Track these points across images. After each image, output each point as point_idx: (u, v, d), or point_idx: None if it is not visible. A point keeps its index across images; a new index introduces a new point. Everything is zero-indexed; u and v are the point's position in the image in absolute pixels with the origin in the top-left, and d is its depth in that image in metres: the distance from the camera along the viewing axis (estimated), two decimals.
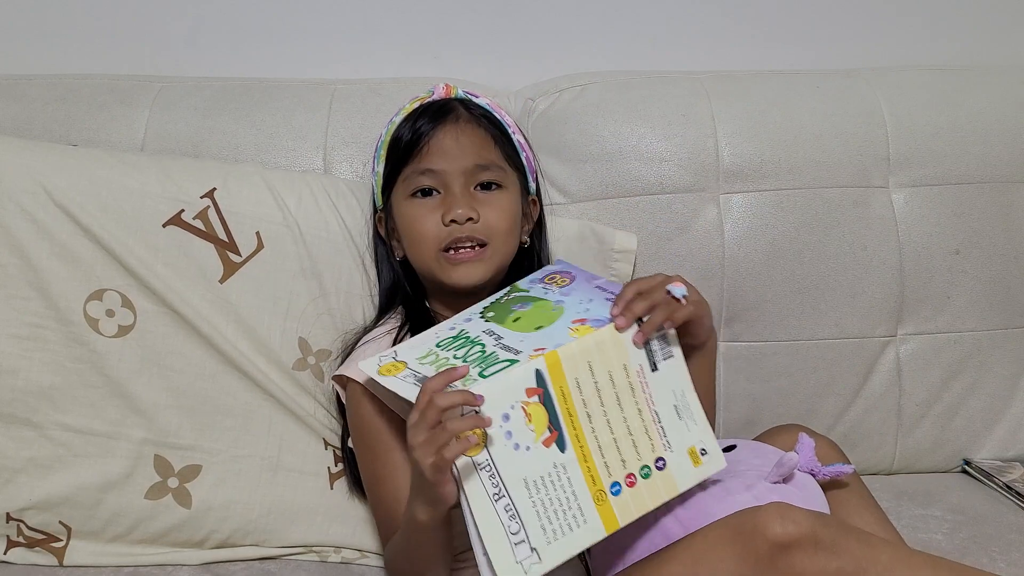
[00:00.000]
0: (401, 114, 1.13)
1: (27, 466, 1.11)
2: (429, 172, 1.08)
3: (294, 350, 1.15)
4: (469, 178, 1.08)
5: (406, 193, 1.09)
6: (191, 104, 1.30)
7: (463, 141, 1.09)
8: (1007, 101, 1.37)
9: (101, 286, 1.13)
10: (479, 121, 1.11)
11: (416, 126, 1.09)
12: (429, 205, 1.08)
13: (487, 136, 1.11)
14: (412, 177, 1.08)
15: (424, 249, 1.08)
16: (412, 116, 1.11)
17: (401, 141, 1.10)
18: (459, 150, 1.08)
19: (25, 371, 1.11)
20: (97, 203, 1.13)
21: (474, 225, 1.06)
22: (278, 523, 1.15)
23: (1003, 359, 1.35)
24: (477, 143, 1.10)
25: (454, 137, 1.09)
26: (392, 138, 1.12)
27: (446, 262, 1.07)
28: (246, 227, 1.15)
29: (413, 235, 1.09)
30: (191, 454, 1.13)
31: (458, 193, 1.07)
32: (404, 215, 1.10)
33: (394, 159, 1.11)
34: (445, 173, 1.07)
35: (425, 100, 1.13)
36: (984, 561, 1.12)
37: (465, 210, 1.06)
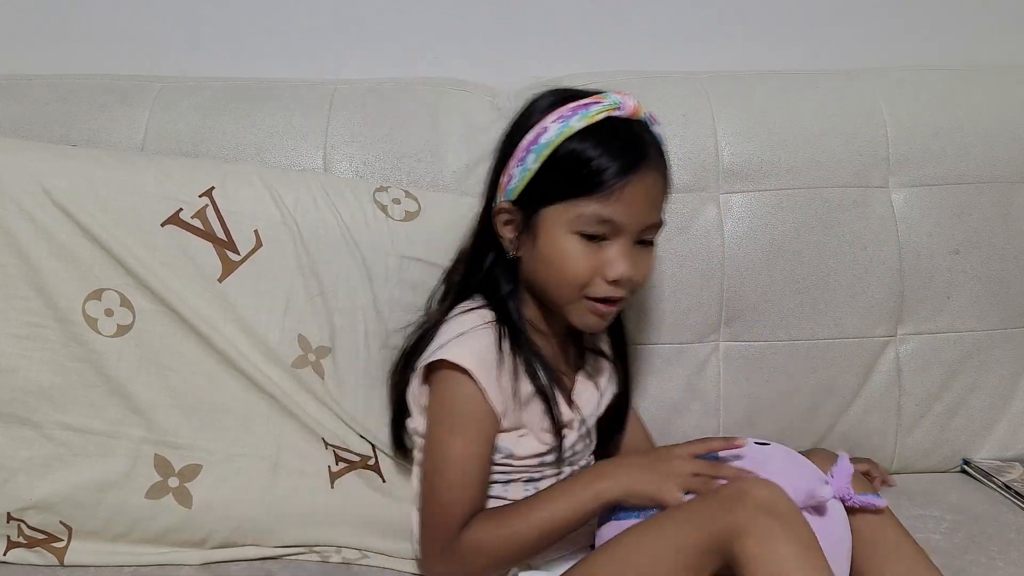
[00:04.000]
0: (581, 119, 1.00)
1: (27, 465, 1.11)
2: (609, 223, 0.99)
3: (294, 347, 1.15)
4: (639, 234, 1.01)
5: (570, 226, 1.00)
6: (191, 104, 1.30)
7: (650, 195, 1.01)
8: (1007, 101, 1.38)
9: (100, 285, 1.12)
10: (660, 165, 1.03)
11: (614, 159, 0.98)
12: (591, 250, 1.00)
13: (664, 186, 1.04)
14: (587, 219, 0.99)
15: (567, 288, 1.02)
16: (599, 137, 0.99)
17: (589, 164, 0.98)
18: (644, 206, 1.00)
19: (25, 370, 1.11)
20: (96, 203, 1.13)
21: (627, 286, 1.02)
22: (279, 522, 1.15)
23: (1003, 359, 1.35)
24: (658, 196, 1.03)
25: (644, 190, 1.00)
26: (567, 151, 1.00)
27: (586, 309, 1.02)
28: (244, 226, 1.15)
29: (561, 270, 1.01)
30: (191, 453, 1.13)
31: (626, 253, 1.00)
32: (558, 247, 1.01)
33: (564, 179, 1.00)
34: (624, 228, 0.99)
35: (612, 111, 1.01)
36: (983, 560, 1.13)
37: (626, 274, 1.00)
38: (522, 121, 1.05)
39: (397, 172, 1.28)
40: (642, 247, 1.03)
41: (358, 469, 1.16)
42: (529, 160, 1.02)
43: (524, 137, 1.03)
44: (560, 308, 1.04)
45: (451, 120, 1.31)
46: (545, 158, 1.01)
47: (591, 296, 1.02)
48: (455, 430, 1.02)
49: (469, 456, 1.02)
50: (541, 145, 1.01)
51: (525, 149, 1.02)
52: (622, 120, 1.01)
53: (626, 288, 1.02)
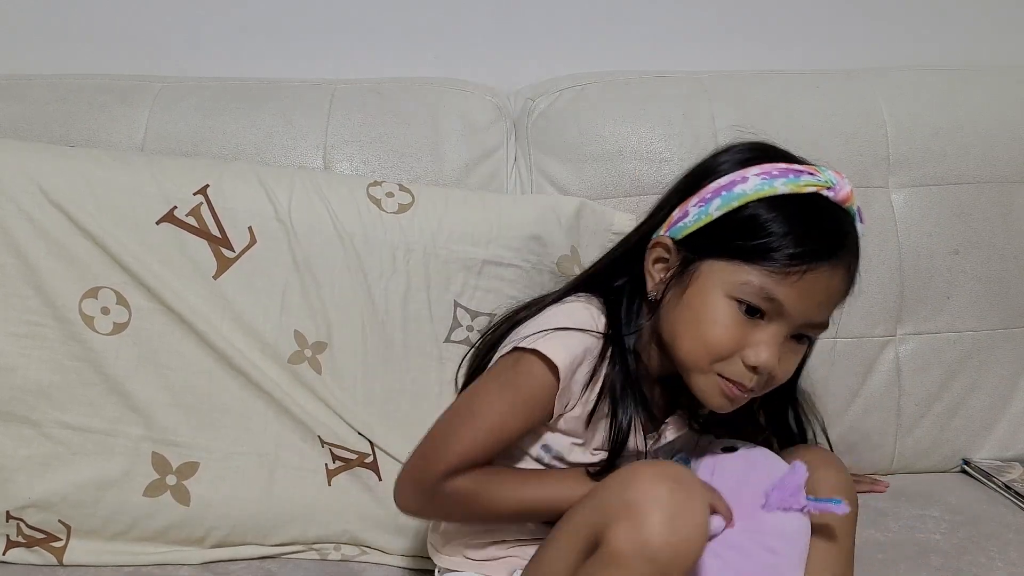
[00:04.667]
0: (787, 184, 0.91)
1: (26, 464, 1.12)
2: (775, 305, 0.90)
3: (290, 343, 1.15)
4: (796, 327, 0.92)
5: (730, 289, 0.90)
6: (191, 104, 1.30)
7: (829, 292, 0.91)
8: (1007, 101, 1.37)
9: (96, 284, 1.13)
10: (850, 269, 0.93)
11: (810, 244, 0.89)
12: (742, 323, 0.91)
13: (844, 293, 0.94)
14: (753, 289, 0.89)
15: (701, 354, 0.92)
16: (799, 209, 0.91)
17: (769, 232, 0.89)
18: (818, 301, 0.91)
19: (23, 369, 1.11)
20: (93, 202, 1.13)
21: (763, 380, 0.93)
22: (277, 520, 1.15)
23: (1002, 359, 1.35)
24: (835, 297, 0.93)
25: (825, 285, 0.90)
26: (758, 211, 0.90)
27: (715, 386, 0.93)
28: (239, 222, 1.15)
29: (703, 333, 0.92)
30: (189, 451, 1.14)
31: (777, 342, 0.91)
32: (708, 307, 0.91)
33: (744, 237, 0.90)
34: (787, 316, 0.90)
35: (823, 189, 0.92)
36: (982, 561, 1.13)
37: (771, 366, 0.90)
38: (712, 163, 0.97)
39: (397, 172, 1.28)
40: (795, 343, 0.93)
41: (355, 467, 1.16)
42: (713, 205, 0.93)
43: (715, 180, 0.94)
44: (686, 372, 0.95)
45: (451, 120, 1.31)
46: (732, 209, 0.92)
47: (722, 373, 0.92)
48: (506, 393, 0.96)
49: (502, 422, 0.95)
50: (733, 195, 0.92)
51: (713, 192, 0.94)
52: (829, 202, 0.92)
53: (760, 380, 0.92)
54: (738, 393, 0.93)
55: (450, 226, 1.17)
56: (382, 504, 1.16)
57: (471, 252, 1.16)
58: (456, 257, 1.16)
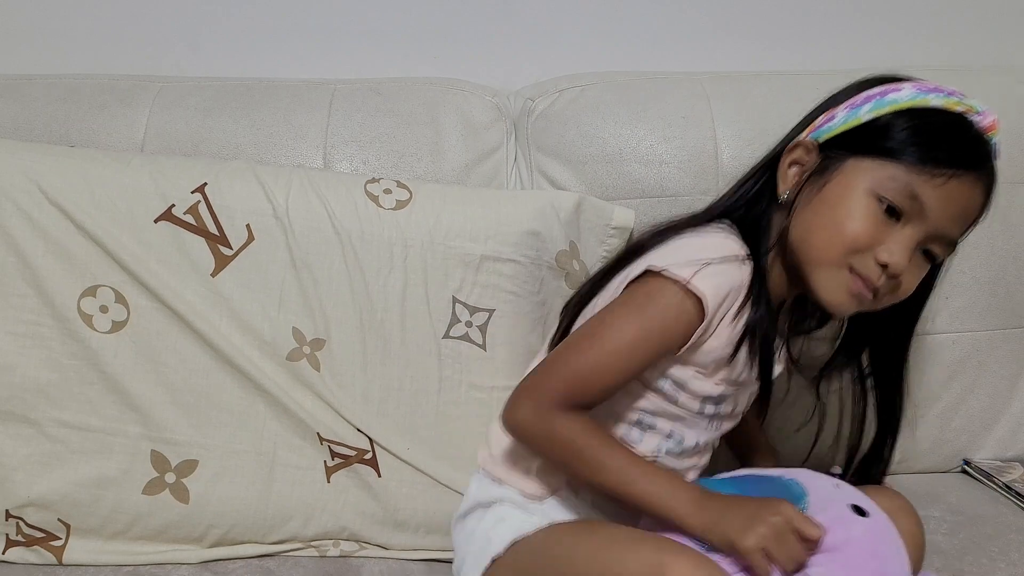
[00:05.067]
0: (939, 98, 0.95)
1: (25, 463, 1.12)
2: (915, 206, 0.92)
3: (288, 340, 1.15)
4: (931, 239, 0.94)
5: (874, 185, 0.93)
6: (191, 104, 1.30)
7: (968, 205, 0.95)
8: (1007, 101, 1.37)
9: (95, 282, 1.13)
10: (989, 184, 0.96)
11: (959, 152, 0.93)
12: (881, 222, 0.93)
13: (979, 208, 0.97)
14: (897, 185, 0.92)
15: (835, 246, 0.94)
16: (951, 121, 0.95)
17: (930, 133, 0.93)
18: (956, 211, 0.94)
19: (23, 368, 1.12)
20: (91, 201, 1.13)
21: (887, 283, 0.94)
22: (276, 517, 1.15)
23: (1002, 359, 1.35)
24: (970, 213, 0.96)
25: (966, 195, 0.94)
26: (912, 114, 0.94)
27: (843, 282, 0.94)
28: (236, 220, 1.15)
29: (840, 224, 0.93)
30: (187, 449, 1.14)
31: (910, 245, 0.93)
32: (850, 199, 0.93)
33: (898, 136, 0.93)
34: (924, 219, 0.93)
35: (970, 112, 0.96)
36: (983, 561, 1.12)
37: (901, 268, 0.92)
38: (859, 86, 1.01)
39: (397, 172, 1.28)
40: (921, 259, 0.96)
41: (354, 464, 1.16)
42: (864, 109, 0.96)
43: (865, 92, 0.98)
44: (814, 270, 0.95)
45: (451, 120, 1.31)
46: (883, 114, 0.95)
47: (854, 266, 0.93)
48: (643, 320, 0.94)
49: (632, 349, 0.93)
50: (887, 100, 0.96)
51: (865, 98, 0.97)
52: (977, 129, 0.96)
53: (887, 284, 0.94)
54: (864, 290, 0.94)
55: (448, 222, 1.17)
56: (381, 501, 1.16)
57: (469, 248, 1.16)
58: (454, 253, 1.16)
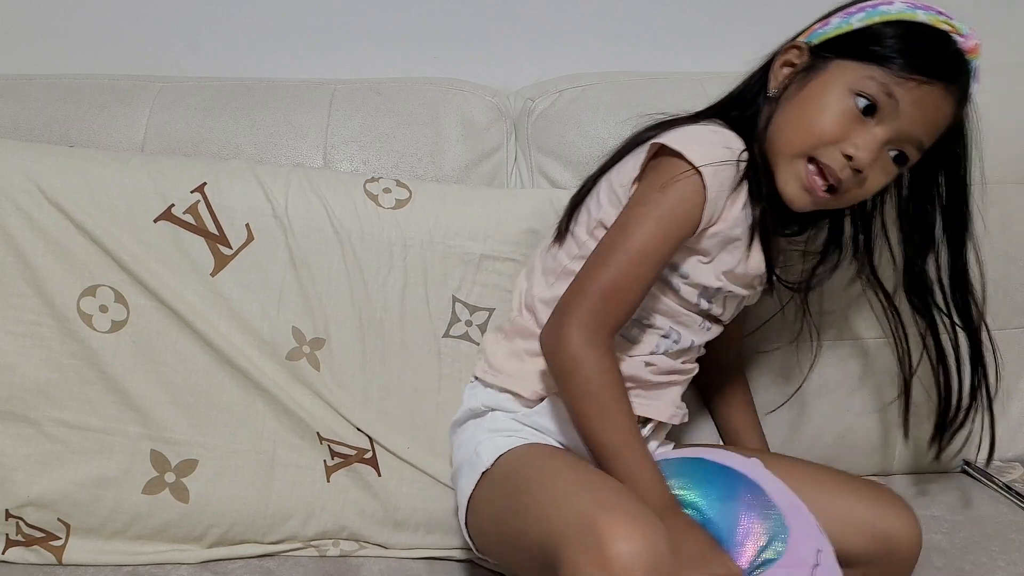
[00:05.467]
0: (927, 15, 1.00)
1: (25, 463, 1.12)
2: (889, 102, 0.97)
3: (288, 340, 1.15)
4: (896, 141, 0.99)
5: (853, 85, 0.98)
6: (191, 104, 1.30)
7: (938, 113, 1.00)
8: (1007, 101, 1.37)
9: (94, 282, 1.13)
10: (962, 99, 1.01)
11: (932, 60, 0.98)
12: (853, 119, 0.98)
13: (948, 120, 1.01)
14: (876, 84, 0.97)
15: (802, 138, 1.00)
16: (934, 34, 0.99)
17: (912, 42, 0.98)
18: (926, 115, 0.99)
19: (22, 368, 1.12)
20: (91, 200, 1.13)
21: (850, 177, 0.99)
22: (276, 517, 1.15)
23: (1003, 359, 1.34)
24: (942, 120, 1.01)
25: (937, 103, 0.99)
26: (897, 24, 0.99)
27: (799, 173, 1.00)
28: (236, 220, 1.15)
29: (812, 116, 0.99)
30: (187, 449, 1.14)
31: (878, 143, 0.98)
32: (830, 95, 0.99)
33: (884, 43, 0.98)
34: (896, 118, 0.98)
35: (953, 32, 1.00)
36: (984, 561, 1.13)
37: (865, 161, 0.98)
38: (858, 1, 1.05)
39: (397, 172, 1.28)
40: (891, 160, 1.01)
41: (354, 463, 1.16)
42: (856, 17, 1.02)
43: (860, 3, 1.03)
44: (778, 161, 1.01)
45: (451, 120, 1.31)
46: (873, 23, 1.00)
47: (819, 157, 0.99)
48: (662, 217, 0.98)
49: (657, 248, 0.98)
50: (878, 11, 1.01)
51: (859, 8, 1.02)
52: (957, 45, 1.00)
53: (849, 181, 0.99)
54: (818, 184, 0.99)
55: (447, 221, 1.17)
56: (381, 500, 1.16)
57: (469, 247, 1.17)
58: (454, 252, 1.17)
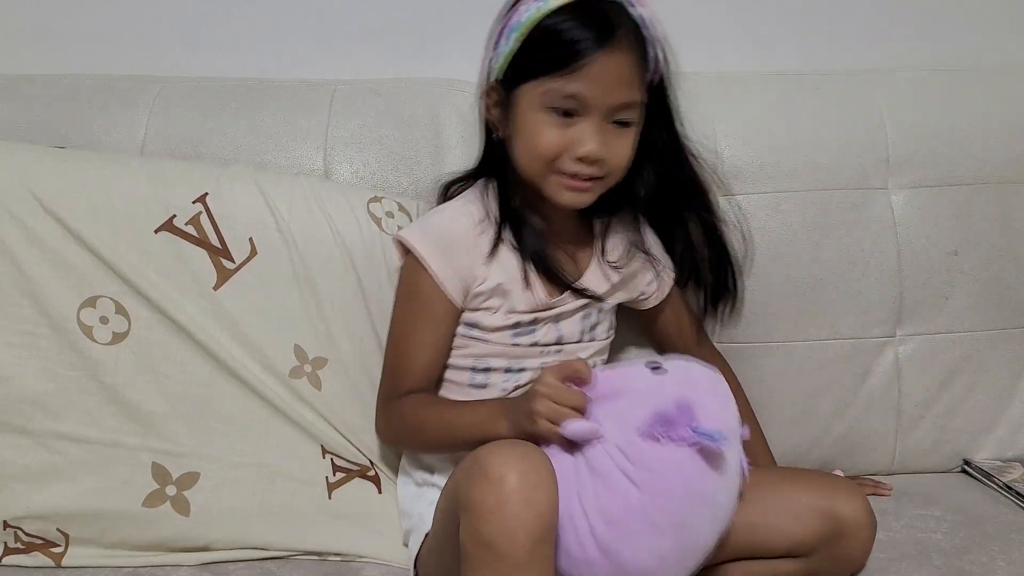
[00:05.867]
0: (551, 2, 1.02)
1: (23, 474, 1.10)
2: (575, 98, 1.01)
3: (290, 358, 1.15)
4: (610, 113, 1.02)
5: (541, 103, 1.02)
6: (191, 104, 1.30)
7: (621, 73, 1.01)
8: (1007, 101, 1.37)
9: (94, 293, 1.12)
10: (632, 45, 1.02)
11: (581, 36, 0.99)
12: (561, 125, 1.02)
13: (637, 69, 1.03)
14: (554, 94, 1.01)
15: (537, 162, 1.04)
16: (571, 14, 1.01)
17: (554, 43, 1.01)
18: (613, 83, 1.01)
19: (19, 379, 1.10)
20: (88, 209, 1.12)
21: (597, 166, 1.03)
22: (277, 531, 1.14)
23: (1002, 359, 1.35)
24: (629, 75, 1.02)
25: (613, 67, 1.00)
26: (540, 28, 1.01)
27: (558, 185, 1.04)
28: (239, 233, 1.14)
29: (531, 145, 1.04)
30: (189, 461, 1.12)
31: (595, 130, 1.02)
32: (530, 123, 1.03)
33: (536, 55, 1.02)
34: (590, 105, 1.01)
35: None
36: (983, 560, 1.13)
37: (595, 152, 1.02)
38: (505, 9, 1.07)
39: (397, 172, 1.28)
40: (619, 128, 1.04)
41: (356, 478, 1.15)
42: (510, 40, 1.04)
43: (503, 22, 1.06)
44: (537, 184, 1.06)
45: (451, 120, 1.31)
46: (523, 38, 1.03)
47: (561, 170, 1.03)
48: (406, 309, 1.10)
49: (423, 339, 1.08)
50: (519, 23, 1.03)
51: (508, 29, 1.04)
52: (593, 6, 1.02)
53: (598, 168, 1.03)
54: (581, 184, 1.04)
55: None
56: (383, 517, 1.15)
57: None
58: None
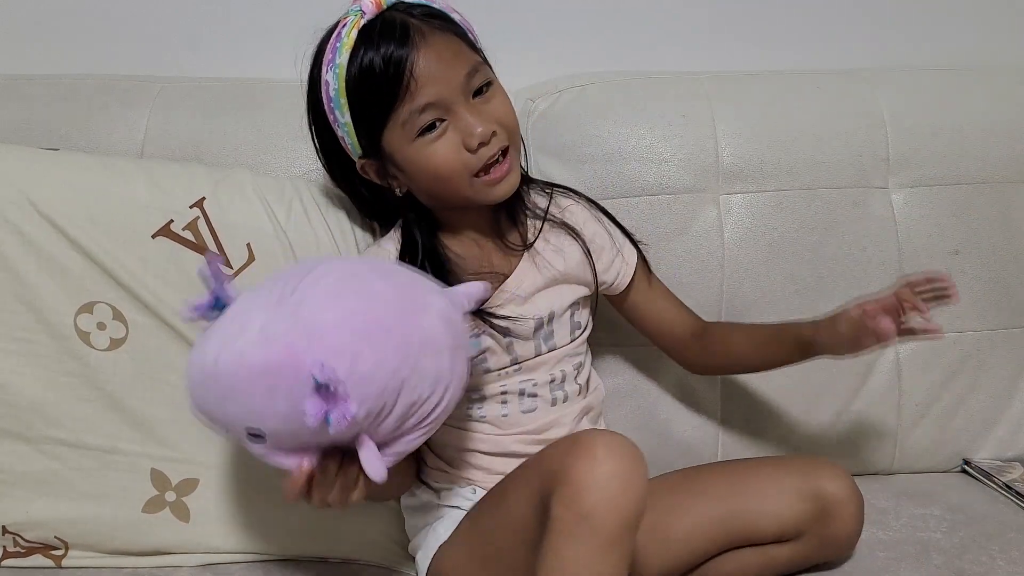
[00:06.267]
0: (344, 51, 0.99)
1: (22, 481, 1.10)
2: (430, 107, 0.99)
3: None
4: (466, 91, 1.00)
5: (409, 136, 1.00)
6: (191, 105, 1.30)
7: (442, 58, 0.99)
8: (1007, 101, 1.37)
9: (91, 299, 1.11)
10: (433, 24, 1.01)
11: (386, 56, 0.97)
12: (441, 137, 1.00)
13: (452, 37, 1.02)
14: (412, 119, 0.99)
15: (455, 183, 1.02)
16: (365, 45, 0.98)
17: (372, 77, 0.98)
18: (445, 68, 0.99)
19: (17, 386, 1.10)
20: (85, 214, 1.11)
21: (496, 137, 1.01)
22: (278, 537, 1.14)
23: (1003, 359, 1.35)
24: (452, 51, 1.00)
25: (433, 53, 0.98)
26: (354, 77, 0.99)
27: (484, 185, 1.02)
28: (237, 239, 1.14)
29: (436, 173, 1.01)
30: (188, 467, 1.12)
31: (468, 114, 1.00)
32: (416, 158, 1.01)
33: (371, 100, 1.00)
34: (445, 100, 0.99)
35: (360, 23, 1.00)
36: (983, 560, 1.13)
37: (486, 128, 0.99)
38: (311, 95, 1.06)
39: None
40: (484, 95, 1.02)
41: None
42: (339, 116, 1.02)
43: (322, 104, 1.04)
44: (468, 202, 1.04)
45: None
46: (348, 100, 1.01)
47: (477, 172, 1.01)
48: None
49: None
50: (335, 98, 1.01)
51: (330, 111, 1.03)
52: (374, 21, 1.00)
53: (500, 139, 1.01)
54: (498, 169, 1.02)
55: None
56: (387, 524, 1.15)
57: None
58: None
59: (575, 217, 1.16)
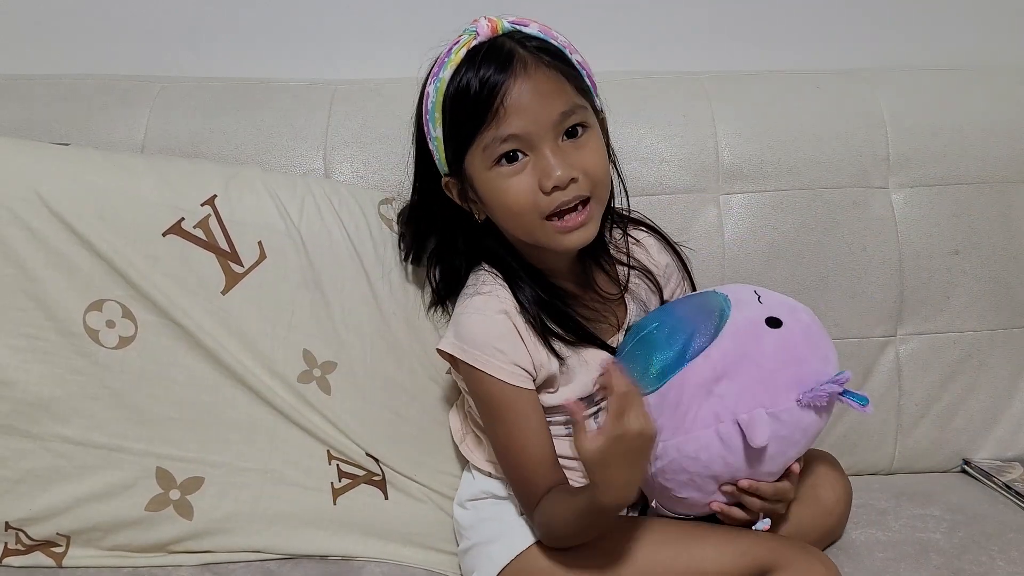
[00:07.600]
0: (449, 67, 1.00)
1: (26, 477, 1.10)
2: (513, 138, 0.97)
3: (299, 362, 1.14)
4: (556, 131, 0.98)
5: (487, 162, 0.98)
6: (192, 104, 1.30)
7: (539, 91, 0.97)
8: (1007, 101, 1.38)
9: (101, 296, 1.11)
10: (541, 58, 0.99)
11: (483, 78, 0.96)
12: (519, 172, 0.98)
13: (557, 75, 0.99)
14: (493, 145, 0.97)
15: (524, 221, 1.00)
16: (467, 66, 0.98)
17: (466, 98, 0.98)
18: (539, 103, 0.96)
19: (24, 382, 1.09)
20: (94, 211, 1.10)
21: (576, 184, 0.98)
22: (281, 536, 1.13)
23: (1002, 359, 1.35)
24: (552, 87, 0.98)
25: (530, 85, 0.96)
26: (450, 94, 0.99)
27: (555, 231, 0.99)
28: (248, 236, 1.14)
29: (507, 207, 0.99)
30: (193, 466, 1.12)
31: (550, 154, 0.97)
32: (491, 187, 0.99)
33: (461, 119, 0.99)
34: (531, 135, 0.97)
35: (471, 44, 1.00)
36: (983, 560, 1.13)
37: (564, 172, 0.96)
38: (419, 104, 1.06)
39: (398, 173, 1.27)
40: (575, 140, 0.99)
41: (361, 484, 1.15)
42: (432, 128, 1.03)
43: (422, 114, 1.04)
44: (536, 242, 1.02)
45: None
46: (442, 116, 1.01)
47: (548, 215, 0.99)
48: (494, 420, 1.04)
49: (528, 436, 1.03)
50: (431, 111, 1.02)
51: (426, 122, 1.03)
52: (483, 44, 0.99)
53: (579, 187, 0.98)
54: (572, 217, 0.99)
55: None
56: (387, 522, 1.15)
57: None
58: None
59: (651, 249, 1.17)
